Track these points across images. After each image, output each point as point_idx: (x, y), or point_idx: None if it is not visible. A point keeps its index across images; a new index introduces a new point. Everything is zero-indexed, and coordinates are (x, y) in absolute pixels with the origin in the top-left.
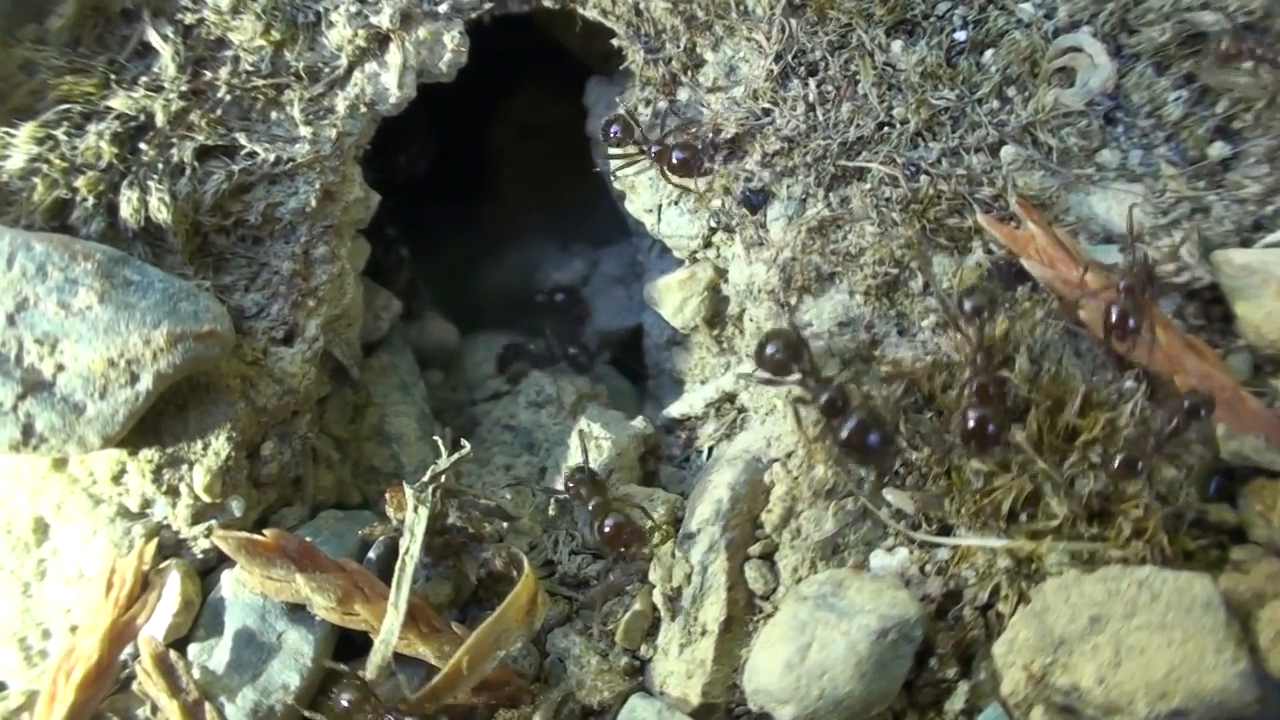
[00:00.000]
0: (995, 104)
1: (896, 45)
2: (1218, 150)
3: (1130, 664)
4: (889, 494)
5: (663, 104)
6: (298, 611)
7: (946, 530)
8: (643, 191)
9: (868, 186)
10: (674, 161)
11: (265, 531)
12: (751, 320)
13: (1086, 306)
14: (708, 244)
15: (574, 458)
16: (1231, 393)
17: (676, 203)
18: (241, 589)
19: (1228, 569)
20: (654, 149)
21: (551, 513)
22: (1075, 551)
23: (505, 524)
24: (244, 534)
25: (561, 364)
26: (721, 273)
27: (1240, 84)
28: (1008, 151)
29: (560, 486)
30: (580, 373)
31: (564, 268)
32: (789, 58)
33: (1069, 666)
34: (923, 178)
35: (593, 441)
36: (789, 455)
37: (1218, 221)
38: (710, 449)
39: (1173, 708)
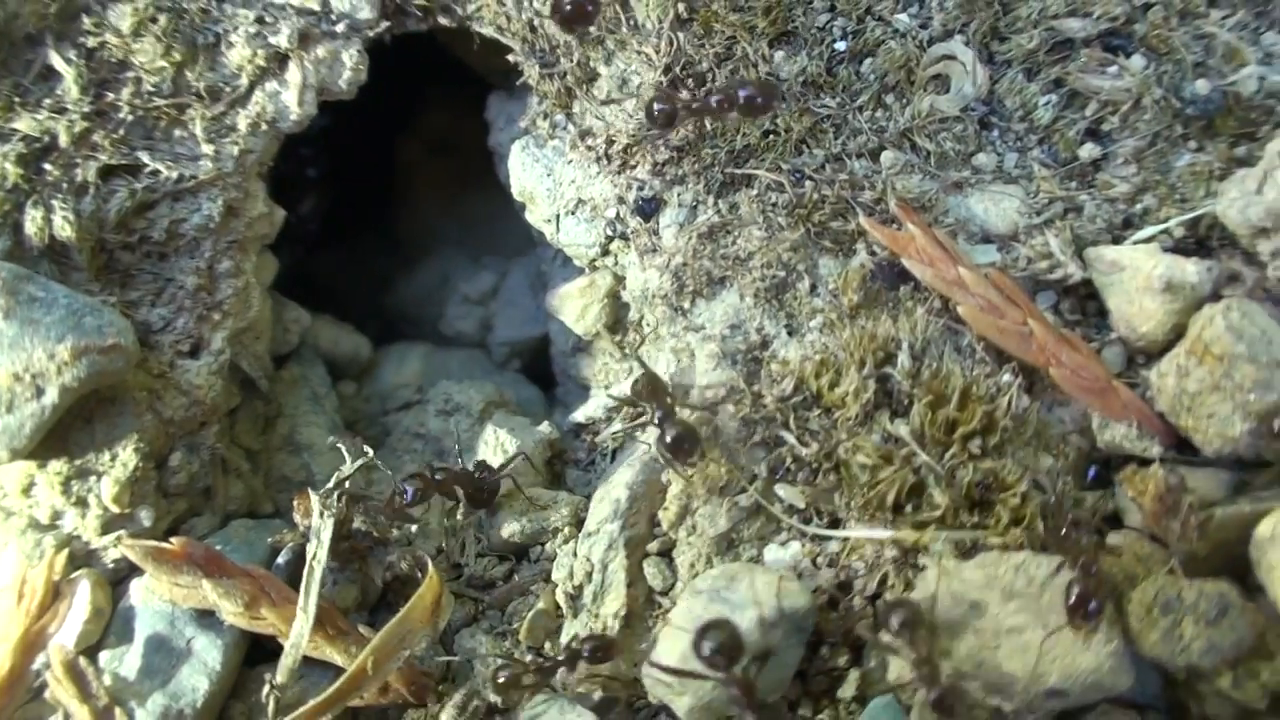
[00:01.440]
0: (875, 111)
1: (779, 56)
2: (1088, 151)
3: (1008, 646)
4: (781, 489)
5: None
6: (206, 618)
7: (837, 523)
8: (541, 202)
9: (755, 193)
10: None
11: (172, 539)
12: (648, 325)
13: (964, 304)
14: (605, 252)
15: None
16: (1105, 384)
17: (573, 212)
18: (150, 596)
19: (1102, 553)
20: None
21: (460, 516)
22: (958, 540)
23: (413, 527)
24: (151, 542)
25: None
26: (620, 280)
27: (1106, 88)
28: (887, 156)
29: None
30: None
31: (474, 280)
32: (677, 69)
33: (951, 651)
34: (807, 183)
35: (499, 447)
36: None
37: (1090, 220)
38: (614, 451)
39: (1049, 687)
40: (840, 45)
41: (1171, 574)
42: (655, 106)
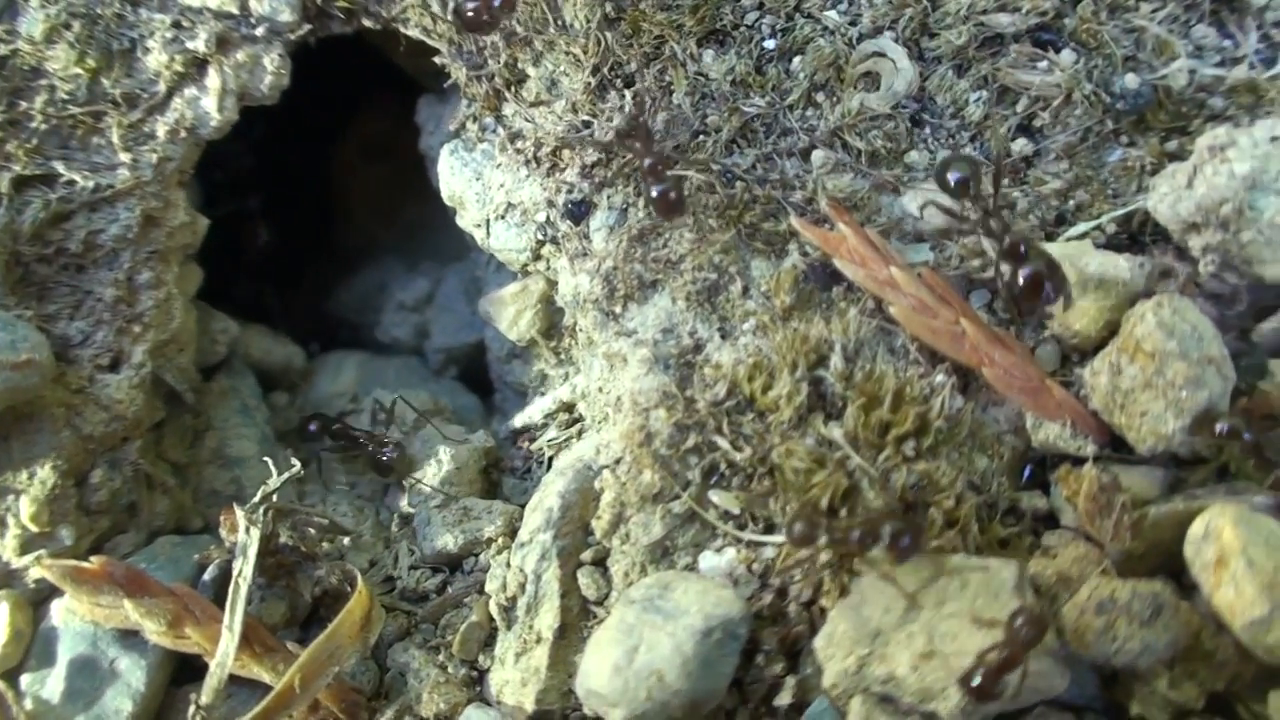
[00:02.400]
0: (805, 110)
1: (708, 55)
2: (1020, 148)
3: (943, 651)
4: (715, 495)
5: None
6: (130, 638)
7: (772, 528)
8: (471, 206)
9: (685, 194)
10: None
11: (92, 559)
12: (582, 331)
13: (896, 305)
14: (537, 256)
15: None
16: (1038, 383)
17: (503, 217)
18: (72, 617)
19: (1037, 554)
20: None
21: (393, 528)
22: None
23: (345, 539)
24: (70, 562)
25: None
26: (553, 285)
27: (1036, 83)
28: (818, 155)
29: None
30: (383, 474)
31: (409, 286)
32: (605, 70)
33: (885, 656)
34: (738, 184)
35: (433, 455)
36: (617, 461)
37: (1023, 217)
38: (550, 459)
39: None
40: (769, 43)
41: (1105, 574)
42: (796, 527)
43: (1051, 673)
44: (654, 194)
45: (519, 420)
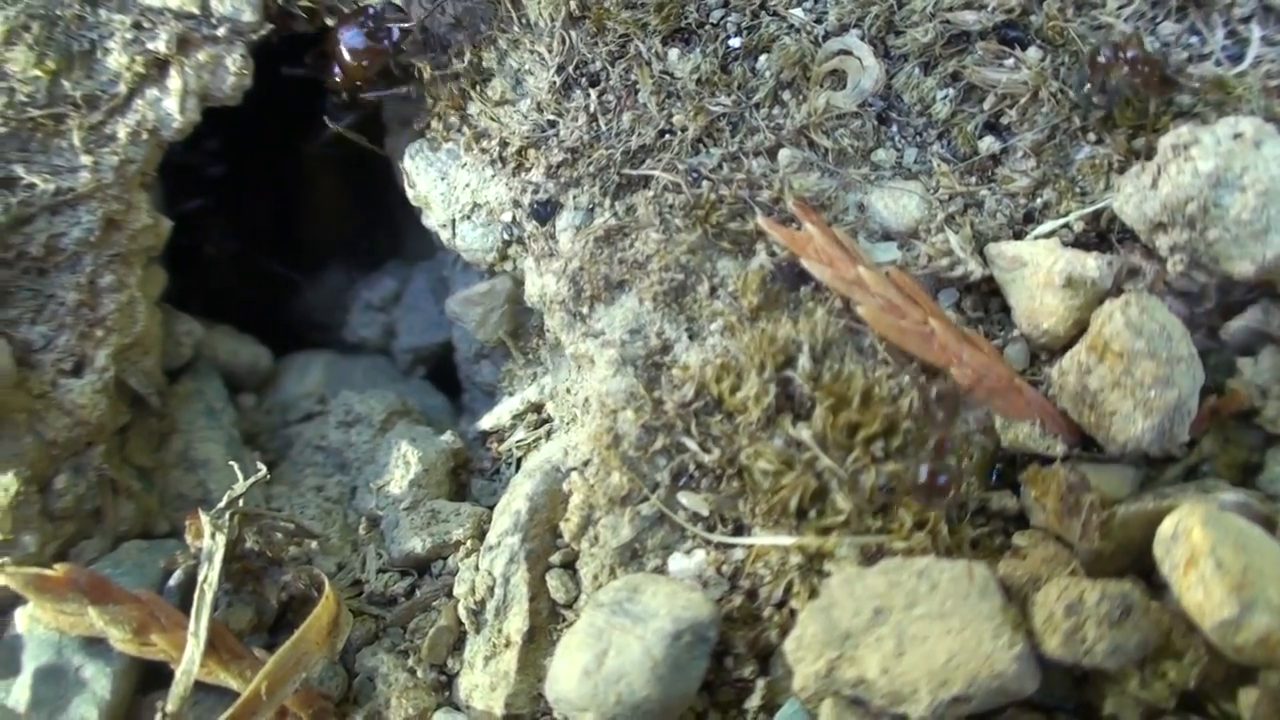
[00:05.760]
0: (771, 108)
1: (673, 54)
2: (987, 145)
3: (913, 653)
4: (684, 497)
5: None
6: (96, 645)
7: (741, 530)
8: (436, 206)
9: (651, 194)
10: None
11: (55, 566)
12: (549, 331)
13: (864, 304)
14: (504, 256)
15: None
16: (1007, 382)
17: (469, 216)
18: (36, 625)
19: (1007, 554)
20: None
21: (361, 531)
22: (863, 545)
23: (314, 544)
24: (33, 570)
25: None
26: (521, 285)
27: (1003, 81)
28: (785, 154)
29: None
30: None
31: (376, 286)
32: (571, 69)
33: (855, 659)
34: (704, 183)
35: (401, 457)
36: (585, 463)
37: (991, 215)
38: (519, 460)
39: (954, 694)
40: (735, 42)
41: (1074, 575)
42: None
43: (1022, 674)
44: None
45: (487, 422)
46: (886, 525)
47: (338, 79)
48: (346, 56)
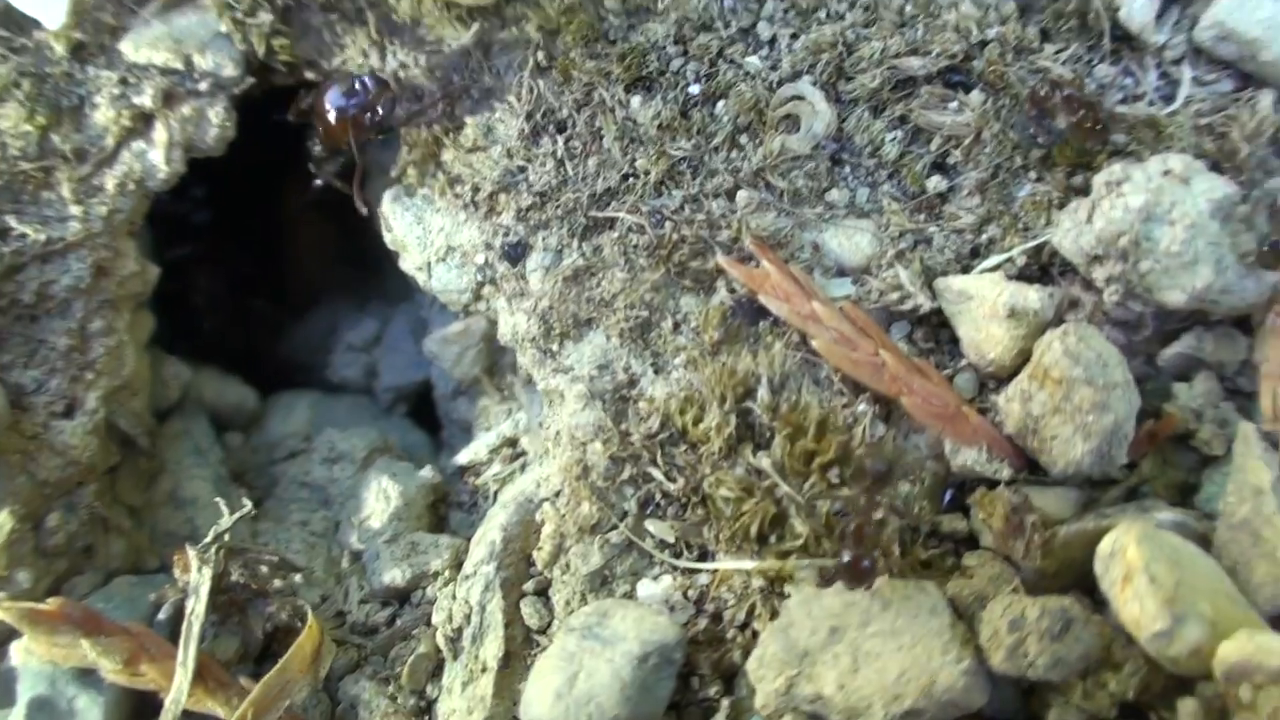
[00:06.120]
0: (729, 152)
1: (635, 101)
2: (935, 185)
3: (867, 670)
4: (651, 525)
5: None
6: (88, 677)
7: (706, 556)
8: (413, 250)
9: (616, 235)
10: None
11: (48, 600)
12: (522, 368)
13: (819, 338)
14: (478, 297)
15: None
16: (955, 410)
17: (444, 259)
18: (30, 657)
19: (956, 574)
20: None
21: (344, 564)
22: (820, 567)
23: (298, 576)
24: (27, 604)
25: None
26: (494, 324)
27: (948, 123)
28: (743, 195)
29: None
30: None
31: (358, 327)
32: (538, 117)
33: (813, 676)
34: (667, 224)
35: (382, 492)
36: (557, 494)
37: (939, 250)
38: (495, 493)
39: (906, 708)
40: (694, 89)
41: (1017, 592)
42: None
43: (971, 688)
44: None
45: (464, 456)
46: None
47: (320, 137)
48: (331, 119)
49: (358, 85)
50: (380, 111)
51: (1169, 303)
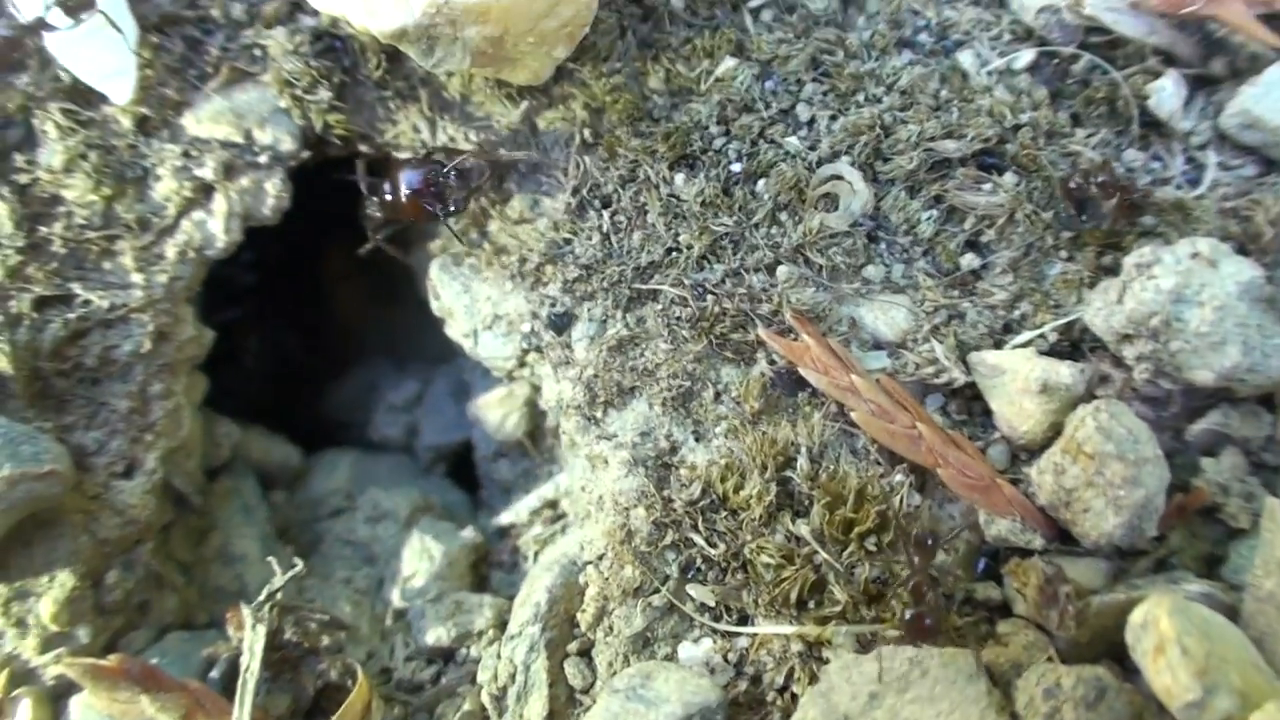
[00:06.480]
0: (770, 228)
1: (679, 178)
2: (968, 262)
3: None
4: (692, 589)
5: None
6: None
7: (745, 620)
8: (459, 318)
9: (660, 307)
10: None
11: (109, 656)
12: (564, 433)
13: (857, 410)
14: (522, 364)
15: None
16: (989, 481)
17: (490, 327)
18: (90, 712)
19: (991, 642)
20: None
21: (389, 621)
22: (859, 633)
23: (344, 633)
24: (89, 660)
25: None
26: (537, 389)
27: (982, 203)
28: (783, 270)
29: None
30: None
31: (399, 388)
32: (585, 191)
33: None
34: (709, 297)
35: (425, 552)
36: (600, 557)
37: (972, 326)
38: (536, 553)
39: None
40: (736, 167)
41: (1052, 661)
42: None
43: None
44: (909, 616)
45: (506, 517)
46: (880, 614)
47: (386, 207)
48: (404, 193)
49: (439, 175)
50: (454, 204)
51: (1197, 381)
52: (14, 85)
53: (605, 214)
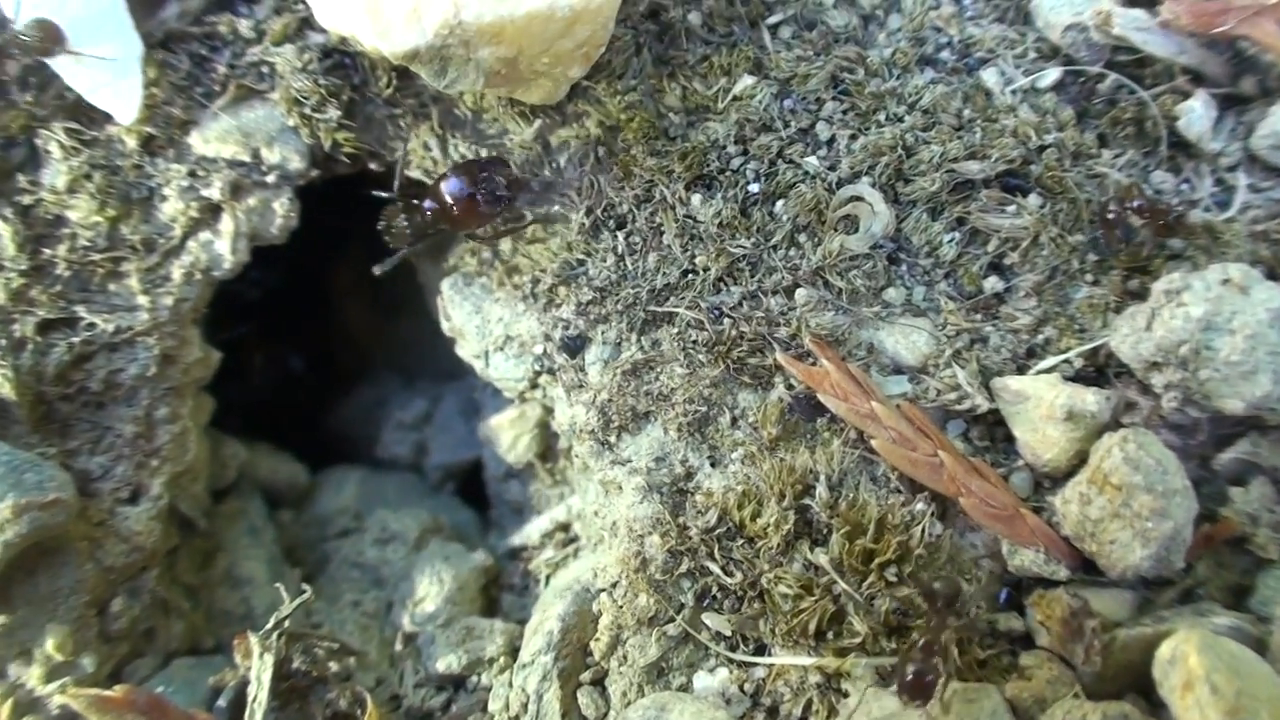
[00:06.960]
0: (788, 250)
1: (696, 198)
2: (991, 285)
3: None
4: (708, 618)
5: None
6: None
7: (762, 650)
8: (470, 338)
9: (676, 330)
10: None
11: (115, 687)
12: (578, 457)
13: (877, 437)
14: (534, 385)
15: None
16: (1013, 511)
17: (502, 349)
18: None
19: (1014, 675)
20: None
21: (398, 646)
22: (878, 666)
23: (352, 660)
24: (94, 691)
25: None
26: (549, 411)
27: (1006, 226)
28: (801, 293)
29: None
30: None
31: (408, 406)
32: (599, 211)
33: None
34: (725, 320)
35: (435, 575)
36: (614, 585)
37: (995, 350)
38: (547, 577)
39: None
40: (754, 187)
41: (1077, 697)
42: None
43: None
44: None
45: (517, 540)
46: (900, 646)
47: (432, 217)
48: (456, 198)
49: (486, 170)
50: (507, 197)
51: (1227, 410)
52: (17, 104)
53: (620, 235)
